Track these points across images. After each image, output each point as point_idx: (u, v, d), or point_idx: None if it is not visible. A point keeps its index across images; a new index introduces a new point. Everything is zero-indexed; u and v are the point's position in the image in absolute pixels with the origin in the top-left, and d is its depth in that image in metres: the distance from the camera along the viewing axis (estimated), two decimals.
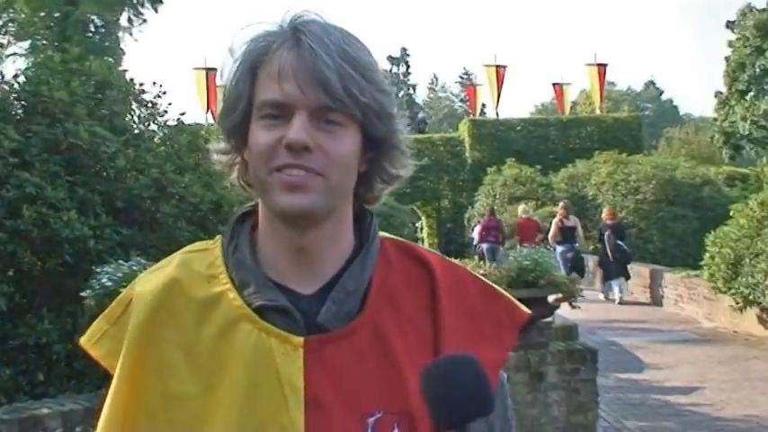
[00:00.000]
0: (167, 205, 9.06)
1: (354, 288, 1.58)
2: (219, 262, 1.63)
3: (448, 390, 1.37)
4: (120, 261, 7.23)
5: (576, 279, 11.08)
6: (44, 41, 26.57)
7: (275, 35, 1.57)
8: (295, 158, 1.50)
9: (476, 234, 26.61)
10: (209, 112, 37.47)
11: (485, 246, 24.91)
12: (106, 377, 1.65)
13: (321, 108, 1.51)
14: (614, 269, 20.93)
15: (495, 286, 1.75)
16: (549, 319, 9.15)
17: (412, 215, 36.61)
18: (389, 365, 1.54)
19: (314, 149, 1.51)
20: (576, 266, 20.86)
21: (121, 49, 34.24)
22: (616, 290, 20.75)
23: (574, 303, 9.28)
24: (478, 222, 27.25)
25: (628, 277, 21.39)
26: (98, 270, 7.06)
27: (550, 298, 8.87)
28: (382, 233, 1.71)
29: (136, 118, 10.07)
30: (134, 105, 10.12)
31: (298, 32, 1.54)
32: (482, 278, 1.76)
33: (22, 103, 8.79)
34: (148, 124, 10.17)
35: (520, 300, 1.75)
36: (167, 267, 1.67)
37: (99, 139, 8.68)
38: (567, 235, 21.48)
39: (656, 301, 20.67)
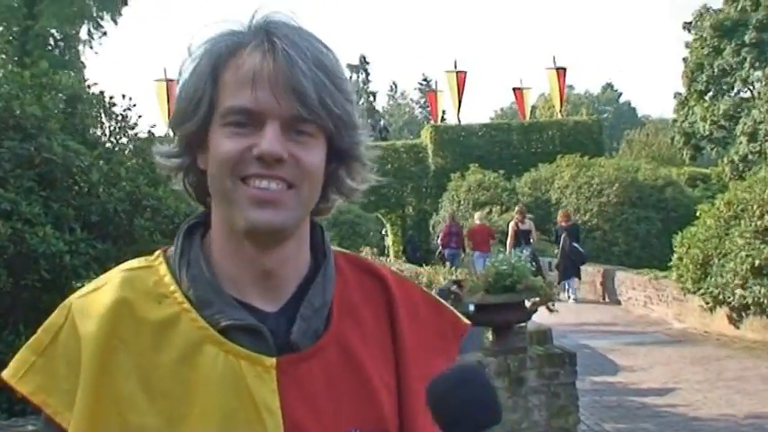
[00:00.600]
0: (142, 218, 8.99)
1: (320, 304, 1.51)
2: (169, 279, 1.51)
3: (459, 400, 1.32)
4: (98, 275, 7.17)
5: (551, 283, 11.12)
6: (3, 55, 26.24)
7: (242, 35, 1.48)
8: (266, 169, 1.42)
9: (439, 240, 26.87)
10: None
11: (446, 252, 25.18)
12: None
13: (294, 118, 1.43)
14: (570, 270, 21.48)
15: (437, 297, 1.74)
16: (523, 324, 9.18)
17: (377, 223, 36.67)
18: (360, 381, 1.50)
19: (286, 160, 1.43)
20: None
21: (82, 62, 34.00)
22: (570, 290, 21.35)
23: (551, 307, 9.33)
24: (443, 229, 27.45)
25: (579, 277, 22.09)
26: (78, 285, 7.00)
27: (528, 302, 8.91)
28: (333, 247, 1.65)
29: (107, 131, 10.01)
30: (104, 119, 10.06)
31: (270, 35, 1.45)
32: (425, 290, 1.75)
33: None
34: (120, 137, 10.11)
35: (497, 305, 1.74)
36: (107, 287, 1.51)
37: (72, 153, 8.61)
38: (522, 238, 22.12)
39: (611, 298, 21.52)
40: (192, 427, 1.40)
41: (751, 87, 45.82)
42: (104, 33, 35.98)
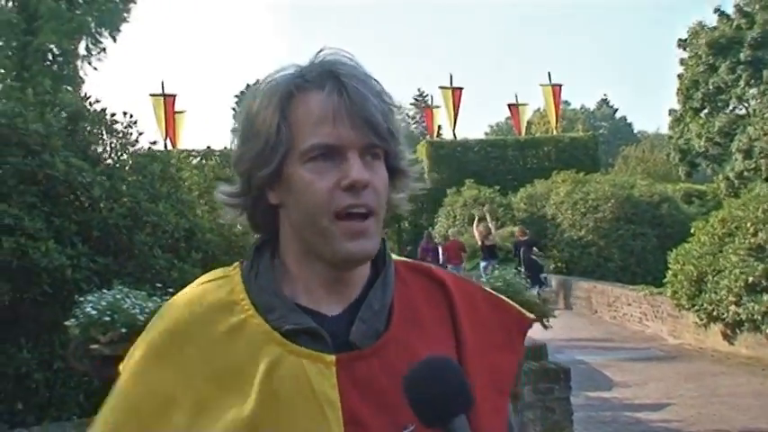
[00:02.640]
0: (142, 233, 9.13)
1: (379, 307, 1.62)
2: (241, 288, 1.65)
3: (432, 389, 1.44)
4: (104, 290, 7.27)
5: (546, 299, 11.22)
6: (2, 70, 26.31)
7: (307, 75, 1.60)
8: (356, 198, 1.55)
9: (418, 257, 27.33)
10: (168, 138, 37.35)
11: None
12: (86, 404, 1.63)
13: (369, 146, 1.57)
14: (534, 279, 22.17)
15: (499, 295, 1.85)
16: None
17: None
18: None
19: (370, 185, 1.57)
20: None
21: (81, 78, 34.05)
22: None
23: (546, 323, 9.41)
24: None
25: (541, 285, 22.90)
26: (81, 299, 7.10)
27: None
28: (393, 256, 1.77)
29: (108, 148, 10.12)
30: (105, 136, 10.16)
31: (340, 75, 1.58)
32: (487, 289, 1.86)
33: None
34: (121, 154, 10.22)
35: None
36: (187, 296, 1.68)
37: (75, 169, 8.74)
38: (488, 252, 24.41)
39: (568, 306, 23.79)
40: (257, 420, 1.51)
41: (746, 104, 45.93)
42: (103, 49, 36.06)
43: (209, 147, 14.10)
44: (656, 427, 10.13)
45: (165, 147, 32.17)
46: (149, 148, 10.71)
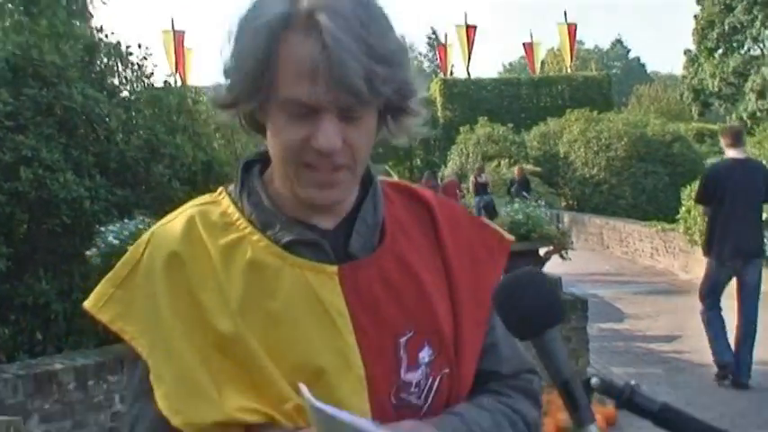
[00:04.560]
0: (159, 166, 9.15)
1: (372, 223, 1.63)
2: (232, 210, 1.61)
3: (524, 301, 1.39)
4: (126, 219, 7.33)
5: (565, 232, 11.25)
6: (10, 5, 26.18)
7: (294, 17, 1.48)
8: (325, 159, 1.50)
9: None
10: (178, 74, 37.26)
11: None
12: (105, 334, 1.61)
13: (348, 109, 1.49)
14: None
15: (483, 218, 1.91)
16: None
17: (385, 174, 36.70)
18: (415, 286, 1.61)
19: (342, 146, 1.51)
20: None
21: (89, 13, 33.83)
22: None
23: (564, 255, 9.48)
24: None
25: None
26: (102, 229, 7.16)
27: (542, 251, 9.08)
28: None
29: (124, 80, 10.11)
30: (120, 68, 10.14)
31: (323, 22, 1.45)
32: (467, 210, 1.91)
33: (12, 67, 8.79)
34: (136, 86, 10.21)
35: (512, 253, 1.86)
36: (179, 218, 1.62)
37: (91, 101, 8.74)
38: (480, 189, 26.09)
39: (580, 242, 23.54)
40: (268, 332, 1.52)
41: (761, 45, 45.54)
42: None
43: (219, 83, 14.05)
44: (669, 358, 10.21)
45: (175, 83, 32.09)
46: (165, 81, 10.70)
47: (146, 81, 10.26)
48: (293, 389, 1.48)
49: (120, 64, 10.06)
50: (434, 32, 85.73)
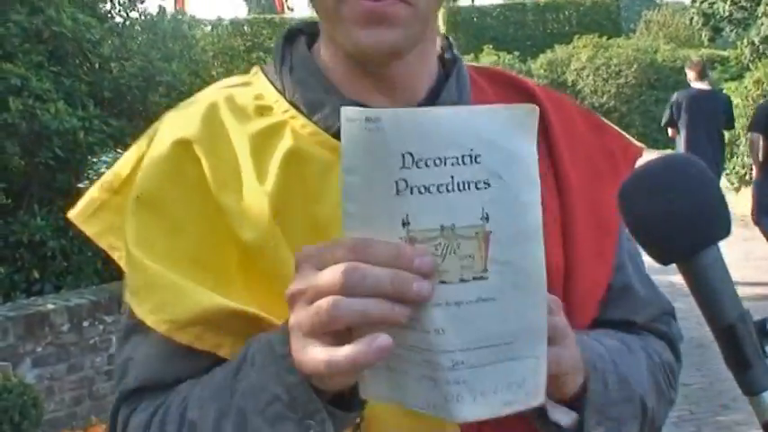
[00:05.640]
0: (156, 94, 8.80)
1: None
2: (271, 90, 1.28)
3: (675, 203, 0.94)
4: (119, 149, 7.03)
5: None
6: None
7: None
8: None
9: None
10: (177, 6, 36.79)
11: None
12: (104, 271, 1.25)
13: None
14: None
15: (600, 117, 1.48)
16: None
17: None
18: None
19: None
20: None
21: None
22: None
23: None
24: None
25: None
26: (95, 160, 6.85)
27: None
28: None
29: (117, 5, 9.72)
30: None
31: None
32: (585, 108, 1.48)
33: None
34: (130, 11, 9.82)
35: None
36: (197, 106, 1.30)
37: (83, 26, 8.39)
38: None
39: None
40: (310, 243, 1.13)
41: None
42: None
43: (219, 16, 13.79)
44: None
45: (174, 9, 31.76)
46: (160, 6, 10.30)
47: (139, 6, 9.86)
48: None
49: None
50: None
